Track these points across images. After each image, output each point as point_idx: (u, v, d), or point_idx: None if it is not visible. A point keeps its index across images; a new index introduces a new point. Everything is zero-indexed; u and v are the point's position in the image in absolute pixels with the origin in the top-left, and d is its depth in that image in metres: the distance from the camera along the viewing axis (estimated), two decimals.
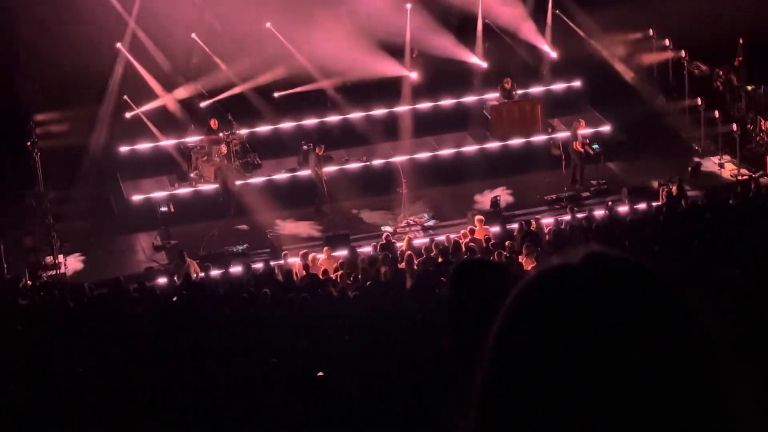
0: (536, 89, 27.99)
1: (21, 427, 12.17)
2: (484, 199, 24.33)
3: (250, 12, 26.89)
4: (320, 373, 12.09)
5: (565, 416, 1.59)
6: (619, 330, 1.61)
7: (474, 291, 4.29)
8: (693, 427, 1.60)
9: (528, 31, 28.41)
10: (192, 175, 25.66)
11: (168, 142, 26.48)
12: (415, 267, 19.25)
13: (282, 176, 25.59)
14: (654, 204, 22.30)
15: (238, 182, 25.02)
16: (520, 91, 27.21)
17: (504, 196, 24.27)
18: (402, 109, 27.66)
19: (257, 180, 25.53)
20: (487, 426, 1.66)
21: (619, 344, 1.60)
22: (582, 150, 24.58)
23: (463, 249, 20.01)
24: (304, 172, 25.35)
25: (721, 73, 27.05)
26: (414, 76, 28.02)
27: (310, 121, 27.22)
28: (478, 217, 22.16)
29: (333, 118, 27.42)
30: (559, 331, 1.61)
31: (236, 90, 27.22)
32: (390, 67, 27.70)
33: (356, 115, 27.43)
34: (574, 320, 1.61)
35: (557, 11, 28.66)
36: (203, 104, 27.31)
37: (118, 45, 27.19)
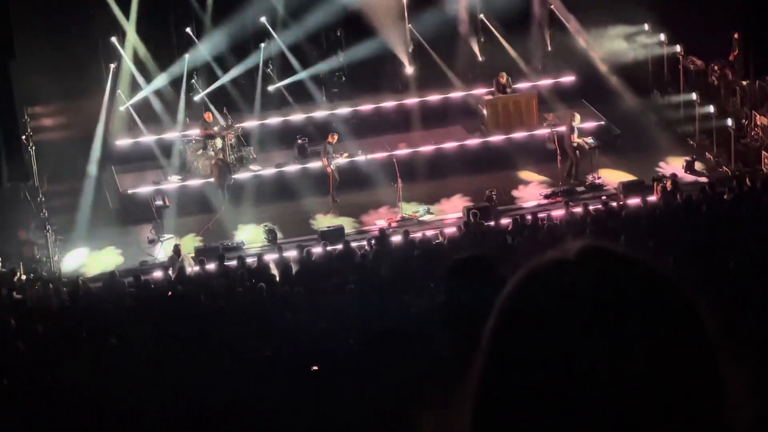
0: (531, 83, 27.98)
1: (15, 420, 12.16)
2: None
3: None
4: (315, 368, 12.09)
5: (561, 409, 1.59)
6: (615, 323, 1.61)
7: (468, 290, 4.25)
8: (689, 415, 1.62)
9: (524, 25, 28.37)
10: (187, 168, 25.64)
11: (163, 136, 26.45)
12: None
13: (275, 170, 25.59)
14: (649, 199, 22.31)
15: (233, 176, 25.00)
16: (514, 86, 27.22)
17: (500, 190, 24.21)
18: (397, 102, 27.67)
19: (252, 174, 25.50)
20: (483, 420, 1.67)
21: (615, 337, 1.60)
22: (580, 142, 24.55)
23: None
24: (300, 166, 25.40)
25: (716, 67, 27.04)
26: (410, 70, 28.04)
27: (306, 116, 27.21)
28: (473, 210, 22.19)
29: (327, 113, 27.41)
30: (555, 325, 1.62)
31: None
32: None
33: (350, 109, 27.41)
34: (569, 314, 1.62)
35: (552, 6, 28.62)
36: (197, 98, 27.33)
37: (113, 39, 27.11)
